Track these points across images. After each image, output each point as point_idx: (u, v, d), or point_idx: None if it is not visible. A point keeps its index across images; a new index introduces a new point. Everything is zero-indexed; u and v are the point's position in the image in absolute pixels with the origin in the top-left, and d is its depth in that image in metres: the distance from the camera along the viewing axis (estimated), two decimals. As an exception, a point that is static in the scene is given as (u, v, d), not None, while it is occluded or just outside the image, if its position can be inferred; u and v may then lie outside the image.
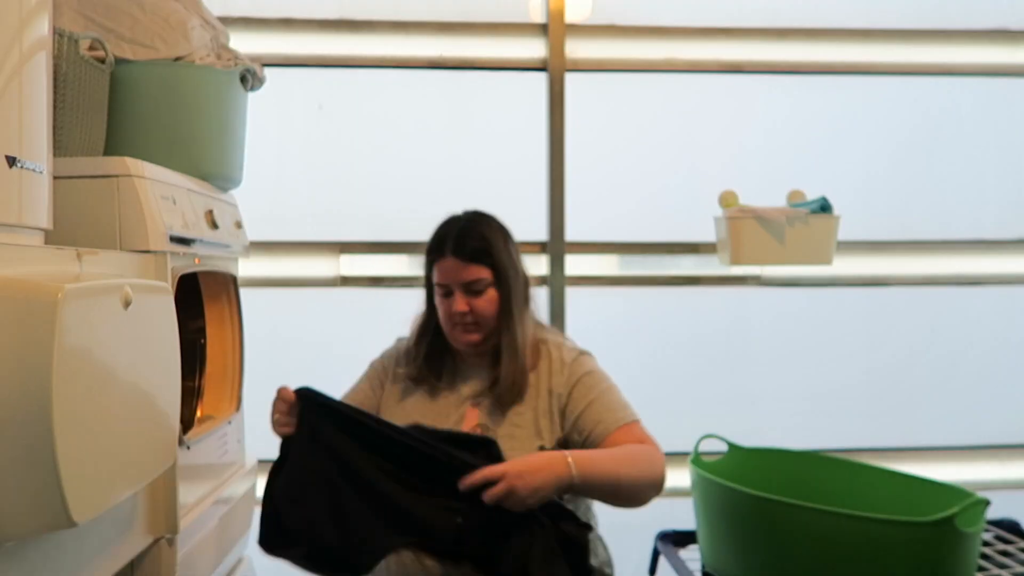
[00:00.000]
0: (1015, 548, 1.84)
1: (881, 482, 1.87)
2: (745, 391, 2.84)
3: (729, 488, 1.74)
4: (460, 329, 1.79)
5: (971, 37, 2.84)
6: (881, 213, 2.85)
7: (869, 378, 2.87)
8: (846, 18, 2.81)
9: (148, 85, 1.79)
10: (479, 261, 1.78)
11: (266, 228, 2.54)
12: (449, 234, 1.80)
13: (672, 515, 2.02)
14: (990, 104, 2.88)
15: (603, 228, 2.77)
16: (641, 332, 2.83)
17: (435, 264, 1.81)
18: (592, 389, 1.80)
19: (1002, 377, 2.90)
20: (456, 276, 1.78)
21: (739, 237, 2.55)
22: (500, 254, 1.80)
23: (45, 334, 0.98)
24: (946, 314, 2.89)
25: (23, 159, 1.12)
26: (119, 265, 1.40)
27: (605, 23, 2.76)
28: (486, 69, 2.75)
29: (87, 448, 1.07)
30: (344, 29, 2.71)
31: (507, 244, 1.83)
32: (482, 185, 2.71)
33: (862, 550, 1.55)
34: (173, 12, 1.84)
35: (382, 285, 2.71)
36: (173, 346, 1.38)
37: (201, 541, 1.74)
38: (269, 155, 2.59)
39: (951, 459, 2.86)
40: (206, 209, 1.80)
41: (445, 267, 1.78)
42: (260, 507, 1.78)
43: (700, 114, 2.82)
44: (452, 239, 1.79)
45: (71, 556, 1.22)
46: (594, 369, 1.84)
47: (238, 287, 2.08)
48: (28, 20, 1.15)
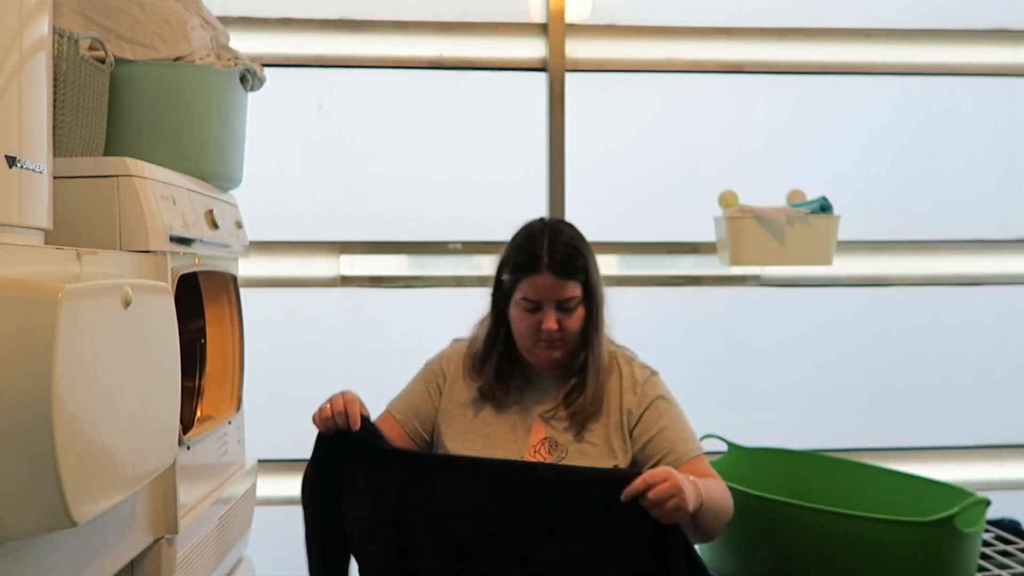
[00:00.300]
0: (1015, 548, 1.84)
1: (881, 482, 1.87)
2: (745, 391, 2.84)
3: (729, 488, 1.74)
4: (544, 345, 1.71)
5: (971, 37, 2.84)
6: (881, 213, 2.85)
7: (869, 378, 2.87)
8: (846, 18, 2.81)
9: (148, 85, 1.79)
10: (574, 278, 1.69)
11: (266, 228, 2.54)
12: (541, 249, 1.69)
13: (672, 515, 2.01)
14: (990, 104, 2.88)
15: (603, 228, 2.76)
16: (641, 332, 2.82)
17: (525, 279, 1.69)
18: (664, 415, 1.74)
19: (1002, 377, 2.90)
20: (552, 293, 1.68)
21: (739, 237, 2.55)
22: (592, 271, 1.73)
23: (45, 334, 0.98)
24: (946, 314, 2.89)
25: (23, 159, 1.12)
26: (119, 265, 1.40)
27: (605, 23, 2.76)
28: (486, 69, 2.75)
29: (87, 448, 1.07)
30: (344, 29, 2.71)
31: (594, 258, 1.76)
32: (482, 185, 2.71)
33: (862, 550, 1.55)
34: (173, 12, 1.84)
35: (382, 285, 2.71)
36: (173, 346, 1.38)
37: (201, 541, 1.74)
38: (269, 155, 2.59)
39: (951, 459, 2.86)
40: (206, 209, 1.80)
41: (539, 283, 1.68)
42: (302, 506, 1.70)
43: (700, 114, 2.82)
44: (548, 255, 1.68)
45: (71, 556, 1.22)
46: (665, 393, 1.79)
47: (238, 287, 2.08)
48: (28, 20, 1.15)
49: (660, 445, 1.70)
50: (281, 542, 2.35)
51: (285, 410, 2.45)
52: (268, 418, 2.37)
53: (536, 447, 1.72)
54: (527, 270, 1.69)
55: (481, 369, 1.78)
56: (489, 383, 1.76)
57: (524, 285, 1.70)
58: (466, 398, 1.79)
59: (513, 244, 1.76)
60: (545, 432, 1.73)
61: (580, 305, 1.71)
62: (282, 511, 1.79)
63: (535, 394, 1.78)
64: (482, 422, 1.76)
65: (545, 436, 1.73)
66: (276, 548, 2.46)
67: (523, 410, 1.76)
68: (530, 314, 1.70)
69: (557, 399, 1.76)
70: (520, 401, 1.77)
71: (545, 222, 1.78)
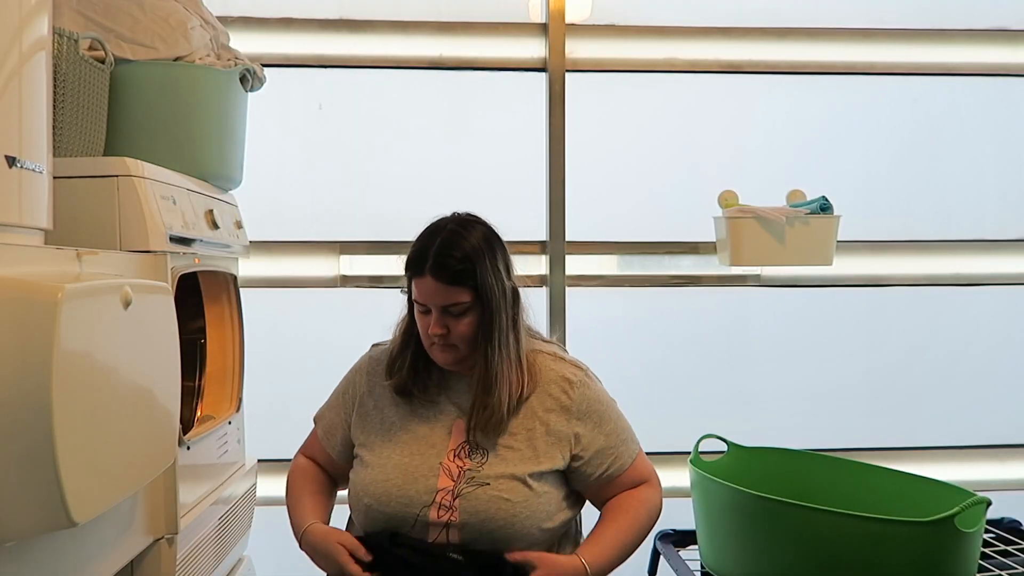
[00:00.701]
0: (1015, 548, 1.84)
1: (881, 482, 1.87)
2: (745, 391, 2.84)
3: (729, 488, 1.74)
4: (438, 348, 1.67)
5: (971, 37, 2.84)
6: (881, 213, 2.85)
7: (869, 378, 2.87)
8: (846, 18, 2.81)
9: (148, 85, 1.80)
10: (459, 284, 1.63)
11: (266, 228, 2.54)
12: (429, 250, 1.64)
13: (672, 515, 2.01)
14: (990, 104, 2.87)
15: (603, 228, 2.77)
16: (641, 332, 2.83)
17: (414, 280, 1.66)
18: (604, 421, 1.73)
19: (1002, 377, 2.89)
20: (433, 298, 1.63)
21: (739, 237, 2.55)
22: (483, 275, 1.64)
23: (45, 334, 0.98)
24: (946, 314, 2.89)
25: (23, 159, 1.12)
26: (119, 265, 1.40)
27: (605, 23, 2.76)
28: (486, 69, 2.75)
29: (87, 448, 1.07)
30: (344, 29, 2.71)
31: (493, 259, 1.67)
32: (482, 185, 2.71)
33: (862, 550, 1.54)
34: (173, 12, 1.84)
35: (382, 285, 2.71)
36: (173, 346, 1.38)
37: (201, 541, 1.74)
38: (269, 155, 2.59)
39: (951, 459, 2.86)
40: (206, 209, 1.81)
41: (423, 287, 1.64)
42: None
43: (700, 114, 2.82)
44: (432, 257, 1.63)
45: (71, 556, 1.22)
46: (600, 395, 1.76)
47: (238, 287, 2.08)
48: (28, 20, 1.15)
49: (605, 456, 1.72)
50: (281, 542, 2.35)
51: (285, 410, 2.46)
52: (268, 418, 2.37)
53: (456, 450, 1.68)
54: (414, 271, 1.66)
55: (394, 367, 1.74)
56: (402, 380, 1.72)
57: (414, 287, 1.66)
58: (384, 402, 1.75)
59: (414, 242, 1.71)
60: (464, 435, 1.69)
61: (470, 311, 1.65)
62: (282, 511, 1.79)
63: (452, 394, 1.73)
64: (400, 428, 1.71)
65: (464, 440, 1.68)
66: (276, 548, 2.46)
67: (440, 411, 1.72)
68: (423, 315, 1.67)
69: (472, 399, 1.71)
70: (437, 401, 1.73)
71: (451, 219, 1.71)
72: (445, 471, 1.65)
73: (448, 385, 1.74)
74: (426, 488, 1.63)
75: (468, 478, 1.64)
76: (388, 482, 1.65)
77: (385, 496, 1.64)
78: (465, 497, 1.62)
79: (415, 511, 1.63)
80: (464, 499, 1.62)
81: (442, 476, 1.64)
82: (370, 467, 1.69)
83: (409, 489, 1.64)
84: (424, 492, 1.63)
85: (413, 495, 1.63)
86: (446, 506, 1.62)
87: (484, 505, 1.62)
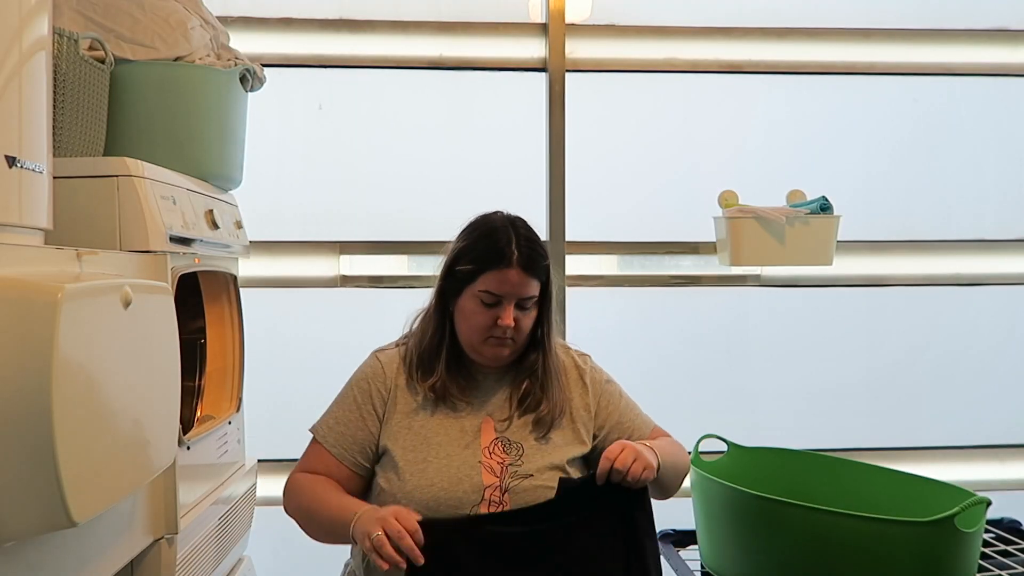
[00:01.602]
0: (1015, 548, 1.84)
1: (881, 482, 1.87)
2: (745, 391, 2.84)
3: (729, 488, 1.74)
4: (494, 342, 1.67)
5: (971, 37, 2.84)
6: (881, 213, 2.85)
7: (869, 378, 2.87)
8: (846, 18, 2.81)
9: (148, 85, 1.79)
10: (538, 277, 1.67)
11: (266, 228, 2.54)
12: (512, 243, 1.65)
13: (672, 515, 2.02)
14: (990, 104, 2.88)
15: (603, 228, 2.77)
16: (641, 332, 2.83)
17: (491, 272, 1.64)
18: (615, 399, 1.79)
19: (1002, 377, 2.90)
20: (516, 289, 1.64)
21: (739, 237, 2.55)
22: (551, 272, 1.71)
23: (45, 334, 0.98)
24: (946, 314, 2.89)
25: (23, 159, 1.12)
26: (119, 265, 1.40)
27: (605, 23, 2.76)
28: (486, 69, 2.75)
29: (87, 448, 1.07)
30: (344, 29, 2.71)
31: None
32: (482, 185, 2.71)
33: (862, 550, 1.55)
34: (173, 12, 1.84)
35: (382, 285, 2.71)
36: (173, 346, 1.38)
37: (201, 541, 1.74)
38: (269, 155, 2.59)
39: (951, 459, 2.86)
40: (206, 209, 1.81)
41: (506, 278, 1.63)
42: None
43: (700, 114, 2.82)
44: (519, 250, 1.64)
45: (71, 556, 1.22)
46: (606, 375, 1.83)
47: (238, 287, 2.08)
48: (28, 20, 1.15)
49: (623, 429, 1.76)
50: (281, 542, 2.35)
51: (285, 410, 2.45)
52: (268, 418, 2.37)
53: (489, 447, 1.68)
54: (494, 263, 1.65)
55: (430, 366, 1.72)
56: (442, 380, 1.70)
57: (488, 278, 1.65)
58: (410, 407, 1.72)
59: (474, 236, 1.71)
60: (495, 432, 1.70)
61: (535, 305, 1.70)
62: (282, 511, 1.78)
63: (480, 394, 1.73)
64: (430, 431, 1.69)
65: (495, 437, 1.69)
66: (276, 548, 2.46)
67: (471, 412, 1.72)
68: (487, 308, 1.66)
69: (504, 399, 1.73)
70: (468, 401, 1.72)
71: (508, 216, 1.74)
72: (487, 468, 1.65)
73: (475, 385, 1.74)
74: (473, 487, 1.63)
75: (512, 472, 1.65)
76: (434, 487, 1.63)
77: (434, 502, 1.62)
78: (513, 491, 1.64)
79: (466, 511, 1.62)
80: (513, 493, 1.63)
81: (485, 473, 1.65)
82: (409, 474, 1.65)
83: (456, 491, 1.63)
84: (472, 491, 1.63)
85: (462, 495, 1.62)
86: (495, 502, 1.63)
87: (532, 496, 1.63)
